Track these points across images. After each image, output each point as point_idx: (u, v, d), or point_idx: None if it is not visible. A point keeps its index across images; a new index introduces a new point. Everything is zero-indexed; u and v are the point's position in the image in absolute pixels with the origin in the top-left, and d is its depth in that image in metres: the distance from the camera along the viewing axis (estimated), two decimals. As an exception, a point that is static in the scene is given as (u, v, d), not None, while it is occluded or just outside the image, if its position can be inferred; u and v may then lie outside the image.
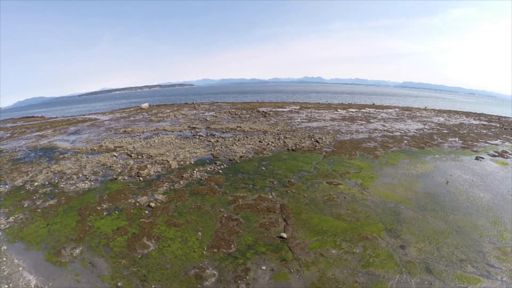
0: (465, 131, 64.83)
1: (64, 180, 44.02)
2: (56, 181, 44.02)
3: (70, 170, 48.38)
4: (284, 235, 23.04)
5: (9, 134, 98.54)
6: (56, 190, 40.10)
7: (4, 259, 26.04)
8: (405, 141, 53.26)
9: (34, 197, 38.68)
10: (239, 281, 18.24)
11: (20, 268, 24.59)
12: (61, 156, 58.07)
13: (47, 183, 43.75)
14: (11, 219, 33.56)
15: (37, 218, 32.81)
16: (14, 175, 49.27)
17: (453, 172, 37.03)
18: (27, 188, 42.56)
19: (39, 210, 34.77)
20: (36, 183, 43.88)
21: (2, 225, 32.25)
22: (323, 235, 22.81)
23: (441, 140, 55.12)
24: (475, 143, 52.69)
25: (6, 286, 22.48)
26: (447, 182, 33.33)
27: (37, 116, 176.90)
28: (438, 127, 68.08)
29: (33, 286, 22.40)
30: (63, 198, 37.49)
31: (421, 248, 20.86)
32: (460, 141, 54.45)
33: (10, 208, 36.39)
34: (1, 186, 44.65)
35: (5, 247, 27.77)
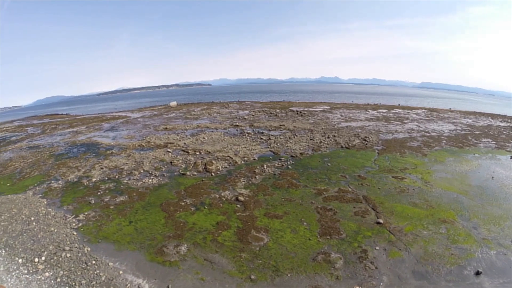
0: (495, 132, 67.67)
1: (125, 175, 42.63)
2: (116, 176, 42.62)
3: (127, 165, 46.95)
4: (381, 221, 26.08)
5: (40, 130, 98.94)
6: (122, 186, 38.68)
7: (93, 262, 23.97)
8: (444, 141, 56.36)
9: (99, 193, 37.18)
10: (364, 261, 20.99)
11: (121, 272, 22.54)
12: (108, 152, 57.04)
13: (106, 178, 42.35)
14: (81, 216, 31.83)
15: (113, 216, 31.12)
16: (63, 171, 48.17)
17: (494, 169, 40.46)
18: (84, 183, 41.22)
19: (111, 207, 33.12)
20: (94, 179, 42.46)
21: (74, 224, 30.30)
22: (410, 220, 26.42)
23: (475, 141, 57.83)
24: (507, 144, 55.94)
25: (112, 293, 20.07)
26: (492, 177, 37.07)
27: (62, 114, 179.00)
28: (469, 128, 71.19)
29: (147, 291, 19.86)
30: (134, 194, 35.94)
31: (489, 229, 25.19)
32: (493, 142, 57.13)
33: (74, 205, 34.87)
34: (53, 181, 43.39)
35: (89, 248, 25.77)
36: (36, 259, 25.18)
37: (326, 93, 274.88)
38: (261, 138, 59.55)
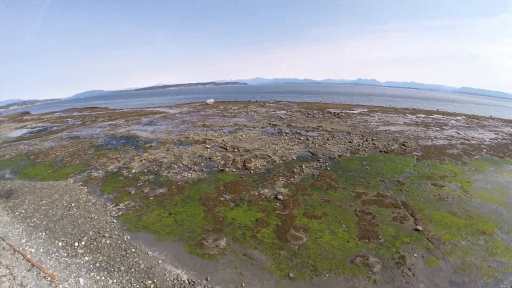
0: (539, 143, 62.64)
1: (165, 168, 43.29)
2: (156, 169, 43.35)
3: (166, 159, 47.70)
4: (419, 228, 25.64)
5: (80, 122, 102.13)
6: (161, 179, 39.32)
7: (133, 250, 24.32)
8: (484, 150, 53.67)
9: (138, 184, 37.90)
10: (401, 267, 20.82)
11: (160, 261, 22.71)
12: (147, 145, 58.24)
13: (146, 170, 43.17)
14: (121, 205, 32.49)
15: (153, 207, 31.56)
16: (103, 161, 49.47)
17: (537, 181, 37.83)
18: (124, 174, 42.17)
19: (151, 198, 33.65)
20: (133, 170, 43.37)
21: (114, 212, 30.98)
22: (449, 229, 25.79)
23: (518, 151, 54.37)
24: (552, 156, 51.95)
25: (150, 281, 20.35)
26: (535, 190, 34.73)
27: (101, 107, 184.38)
28: (510, 138, 66.77)
29: (186, 281, 19.85)
30: (173, 187, 36.41)
31: (529, 243, 23.73)
32: (537, 153, 53.08)
33: (114, 194, 35.65)
34: (93, 171, 44.65)
35: (128, 237, 26.19)
36: (76, 243, 25.86)
37: (363, 95, 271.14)
38: (299, 138, 59.35)
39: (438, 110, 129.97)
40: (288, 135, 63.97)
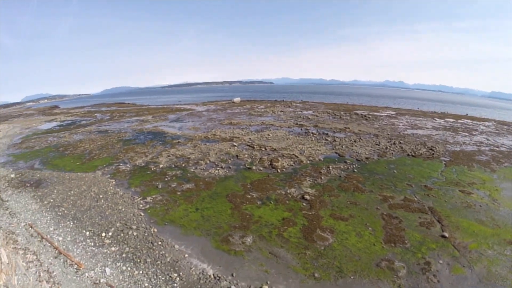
0: None
1: (192, 164, 43.78)
2: (183, 165, 43.89)
3: (193, 155, 48.20)
4: (446, 234, 25.39)
5: (108, 117, 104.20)
6: (188, 174, 39.78)
7: (159, 243, 24.65)
8: None
9: (166, 179, 38.42)
10: (426, 273, 20.72)
11: (186, 255, 22.97)
12: (174, 141, 59.03)
13: (173, 166, 43.73)
14: (148, 199, 32.99)
15: (180, 201, 31.95)
16: (131, 155, 50.44)
17: None
18: (152, 169, 42.83)
19: (178, 193, 34.05)
20: (161, 165, 44.02)
21: (141, 205, 31.46)
22: (476, 237, 25.38)
23: (550, 160, 52.83)
24: None
25: (176, 274, 20.57)
26: None
27: (129, 103, 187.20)
28: None
29: (212, 276, 19.97)
30: (200, 183, 36.77)
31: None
32: None
33: (141, 187, 36.24)
34: (121, 164, 45.44)
35: (155, 230, 26.59)
36: (103, 234, 26.47)
37: (391, 97, 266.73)
38: (326, 139, 59.14)
39: (467, 114, 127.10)
40: (315, 135, 63.83)
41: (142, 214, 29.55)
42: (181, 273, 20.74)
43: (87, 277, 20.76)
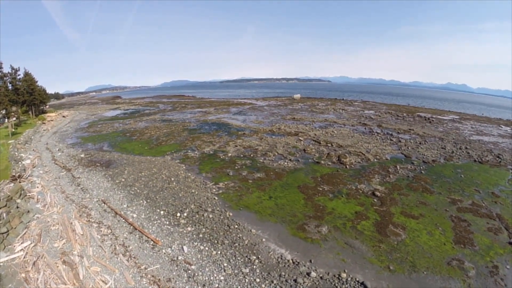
0: None
1: (260, 155, 44.93)
2: (252, 155, 45.14)
3: (260, 147, 49.36)
4: None
5: (170, 107, 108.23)
6: (258, 164, 40.96)
7: (236, 226, 25.72)
8: None
9: (236, 167, 39.72)
10: (494, 276, 20.84)
11: (263, 239, 23.84)
12: (240, 133, 60.68)
13: (241, 155, 45.12)
14: (221, 185, 34.29)
15: (253, 189, 33.03)
16: (198, 143, 52.61)
17: None
18: (221, 157, 44.45)
19: (250, 181, 35.20)
20: (229, 154, 45.55)
21: (214, 190, 32.77)
22: None
23: None
24: None
25: (254, 257, 21.47)
26: None
27: (188, 96, 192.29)
28: None
29: (290, 261, 20.81)
30: (271, 173, 37.77)
31: None
32: None
33: (212, 174, 37.78)
34: (189, 151, 47.51)
35: (231, 214, 27.67)
36: (178, 214, 28.03)
37: (454, 101, 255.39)
38: (391, 140, 58.73)
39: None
40: (379, 135, 63.49)
41: (216, 198, 30.92)
42: (259, 256, 21.66)
43: (164, 253, 22.12)
